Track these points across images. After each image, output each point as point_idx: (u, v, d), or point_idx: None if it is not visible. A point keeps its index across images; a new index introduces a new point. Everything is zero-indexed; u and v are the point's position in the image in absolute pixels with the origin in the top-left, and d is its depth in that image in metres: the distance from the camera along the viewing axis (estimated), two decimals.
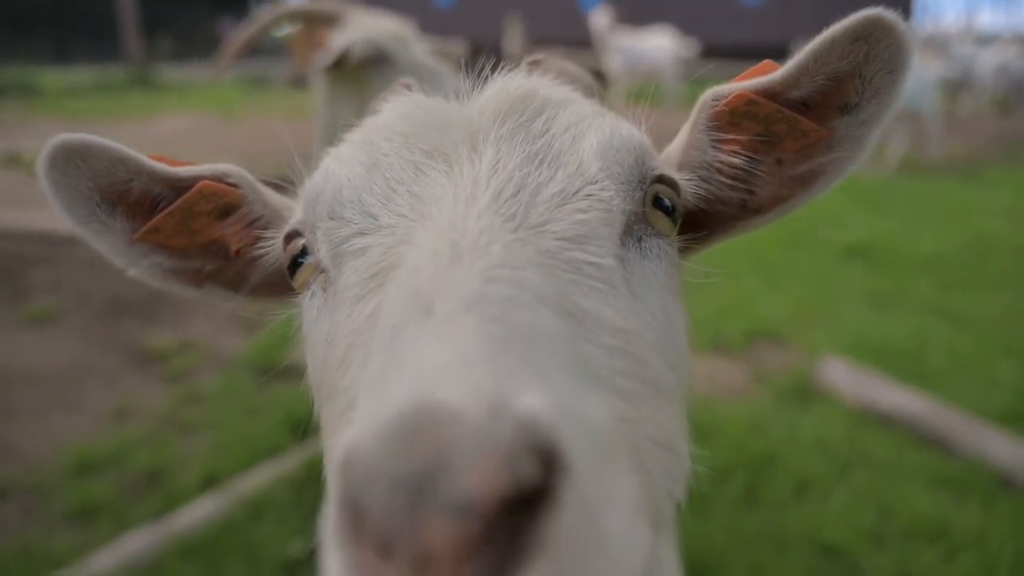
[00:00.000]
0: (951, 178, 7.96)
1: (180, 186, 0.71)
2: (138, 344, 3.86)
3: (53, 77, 17.20)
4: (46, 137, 0.69)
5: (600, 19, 13.00)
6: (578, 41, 15.49)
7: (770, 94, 0.67)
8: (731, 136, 0.69)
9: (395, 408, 0.33)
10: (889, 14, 0.63)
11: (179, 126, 10.90)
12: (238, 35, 2.19)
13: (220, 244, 0.74)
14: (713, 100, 0.69)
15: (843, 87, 0.66)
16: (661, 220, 0.64)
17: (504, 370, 0.35)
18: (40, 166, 0.66)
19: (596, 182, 0.60)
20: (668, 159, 0.73)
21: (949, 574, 2.24)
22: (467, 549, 0.29)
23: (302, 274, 0.66)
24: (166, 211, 0.70)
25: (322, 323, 0.63)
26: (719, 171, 0.70)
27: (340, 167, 0.64)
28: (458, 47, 2.16)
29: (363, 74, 1.99)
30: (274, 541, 2.39)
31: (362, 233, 0.60)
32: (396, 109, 0.68)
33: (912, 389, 3.20)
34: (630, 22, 14.19)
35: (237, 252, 0.75)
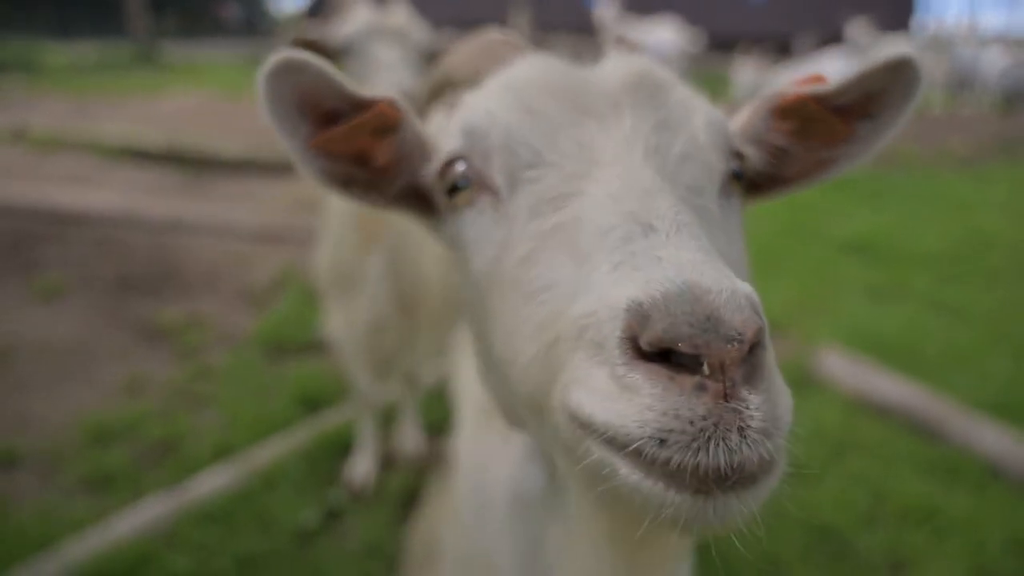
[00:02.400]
0: (950, 174, 8.02)
1: (360, 105, 0.85)
2: (148, 320, 3.92)
3: (56, 53, 17.11)
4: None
5: (607, 10, 12.97)
6: (585, 29, 15.45)
7: (820, 100, 0.86)
8: (781, 124, 0.87)
9: (678, 282, 0.52)
10: (915, 54, 0.82)
11: (184, 105, 10.88)
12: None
13: (369, 156, 0.88)
14: (776, 96, 0.87)
15: (869, 100, 0.86)
16: (735, 183, 0.81)
17: (721, 267, 0.56)
18: (263, 73, 0.79)
19: (704, 149, 0.76)
20: (736, 131, 0.89)
21: (938, 556, 2.32)
22: (739, 359, 0.49)
23: (464, 194, 0.79)
24: (347, 124, 0.84)
25: (495, 232, 0.75)
26: (765, 148, 0.88)
27: (502, 111, 0.77)
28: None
29: (338, 65, 2.06)
30: (287, 510, 2.46)
31: (531, 166, 0.73)
32: (538, 68, 0.82)
33: (907, 379, 3.28)
34: (636, 11, 14.15)
35: (383, 165, 0.89)
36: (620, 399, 0.51)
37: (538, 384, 0.64)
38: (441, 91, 1.07)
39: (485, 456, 1.26)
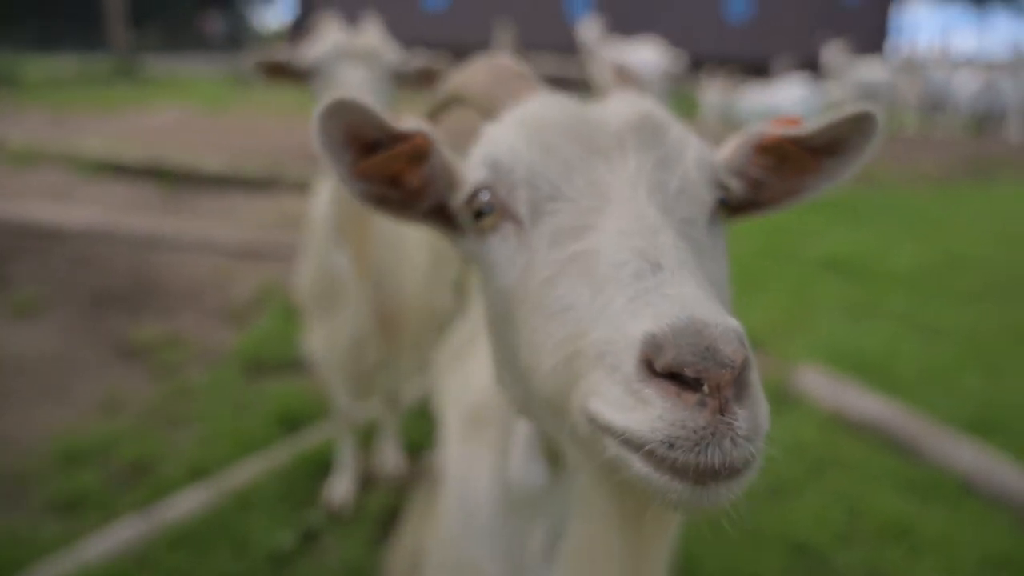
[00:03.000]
0: (923, 194, 8.18)
1: (396, 137, 0.97)
2: (125, 337, 3.87)
3: (37, 66, 16.96)
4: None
5: (589, 31, 13.14)
6: (567, 48, 15.64)
7: (795, 141, 0.99)
8: (760, 160, 1.02)
9: (684, 318, 0.63)
10: (874, 110, 0.96)
11: (165, 119, 10.82)
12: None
13: (403, 180, 1.01)
14: (758, 135, 1.00)
15: (835, 143, 1.00)
16: (721, 211, 0.92)
17: (715, 303, 0.68)
18: (318, 114, 0.91)
19: (696, 183, 0.88)
20: (721, 164, 1.01)
21: (914, 573, 2.34)
22: (731, 381, 0.61)
23: (488, 220, 0.90)
24: (388, 153, 0.98)
25: (519, 256, 0.86)
26: (745, 179, 1.02)
27: (525, 148, 0.88)
28: (442, 62, 2.19)
29: (304, 85, 2.07)
30: (263, 532, 2.43)
31: (552, 199, 0.84)
32: (551, 108, 0.94)
33: (883, 396, 3.32)
34: (619, 31, 14.35)
35: (416, 188, 1.01)
36: (636, 409, 0.63)
37: (558, 389, 0.76)
38: (449, 106, 1.18)
39: (472, 467, 1.30)
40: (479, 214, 0.91)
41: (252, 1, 41.99)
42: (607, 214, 0.79)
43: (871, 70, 13.25)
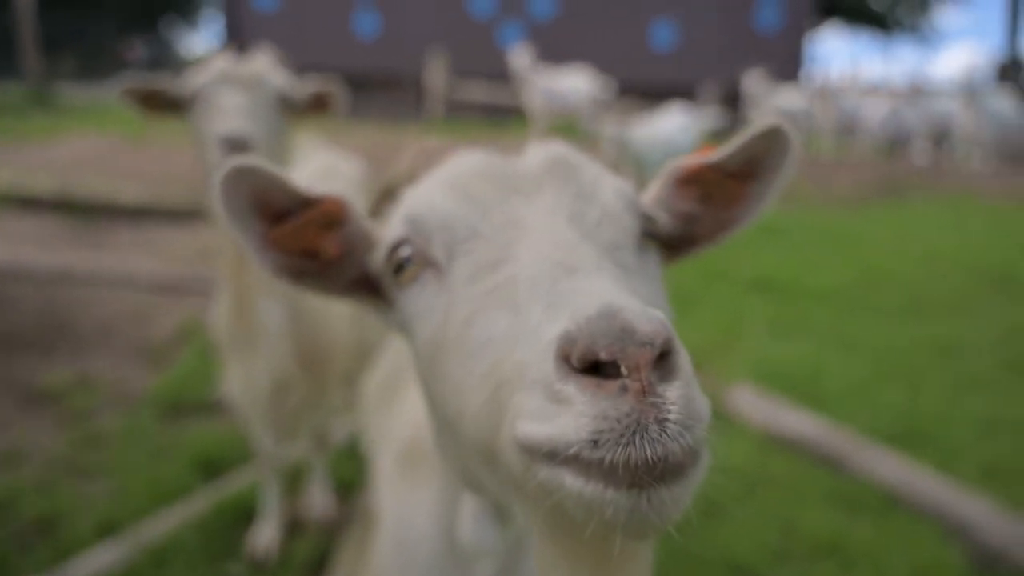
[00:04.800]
0: (840, 213, 8.59)
1: (306, 203, 0.95)
2: (32, 382, 3.60)
3: None
4: None
5: (520, 58, 13.35)
6: (499, 76, 15.83)
7: (713, 168, 1.00)
8: (685, 192, 1.02)
9: (596, 307, 0.59)
10: (785, 125, 0.96)
11: (83, 149, 10.33)
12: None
13: (318, 250, 0.98)
14: (677, 169, 1.02)
15: (754, 165, 1.01)
16: (650, 241, 0.93)
17: (631, 295, 0.66)
18: (218, 178, 0.88)
19: (617, 213, 0.88)
20: (648, 201, 1.03)
21: None
22: (652, 361, 0.56)
23: (408, 271, 0.89)
24: (298, 220, 0.95)
25: (438, 300, 0.84)
26: (674, 214, 1.03)
27: (439, 198, 0.89)
28: (334, 86, 2.12)
29: (184, 117, 1.98)
30: None
31: (467, 240, 0.84)
32: (469, 159, 0.95)
33: (811, 413, 3.41)
34: (550, 59, 14.63)
35: (331, 256, 0.98)
36: (558, 414, 0.59)
37: (487, 428, 0.71)
38: (385, 201, 1.13)
39: (409, 509, 1.24)
40: (399, 268, 0.90)
41: (177, 27, 40.98)
42: (524, 244, 0.78)
43: (788, 97, 13.93)
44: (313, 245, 0.97)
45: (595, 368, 0.58)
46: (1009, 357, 4.25)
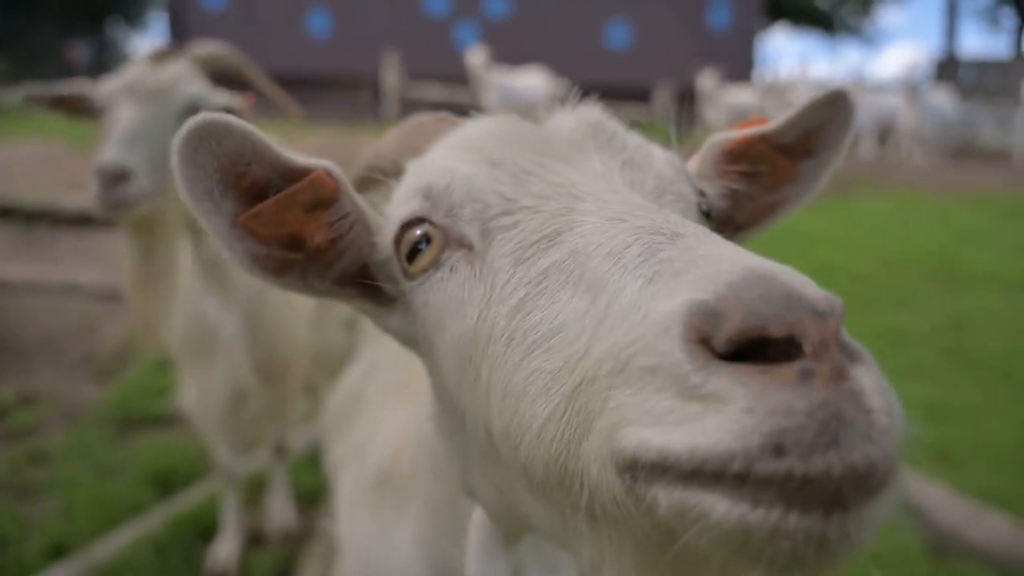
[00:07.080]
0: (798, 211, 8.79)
1: (291, 176, 0.76)
2: None
3: None
4: None
5: (475, 58, 13.31)
6: (455, 78, 15.76)
7: (765, 139, 0.88)
8: (731, 167, 0.88)
9: (737, 271, 0.46)
10: (849, 88, 0.85)
11: (22, 154, 9.91)
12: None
13: (303, 237, 0.79)
14: (724, 140, 0.88)
15: (810, 138, 0.89)
16: (706, 221, 0.78)
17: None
18: (177, 141, 0.68)
19: (675, 182, 0.76)
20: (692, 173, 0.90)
21: None
22: (835, 334, 0.44)
23: (425, 256, 0.72)
24: (276, 197, 0.75)
25: (474, 289, 0.68)
26: (717, 188, 0.89)
27: (461, 165, 0.73)
28: (242, 104, 2.00)
29: (96, 120, 1.86)
30: None
31: (505, 213, 0.68)
32: (490, 123, 0.80)
33: None
34: (506, 60, 14.62)
35: (319, 246, 0.79)
36: (704, 415, 0.43)
37: (561, 446, 0.55)
38: (369, 181, 0.90)
39: (381, 546, 1.13)
40: (412, 254, 0.73)
41: (123, 27, 39.73)
42: (583, 211, 0.63)
43: (741, 95, 14.22)
44: (297, 230, 0.78)
45: (740, 354, 0.43)
46: (950, 345, 4.41)
